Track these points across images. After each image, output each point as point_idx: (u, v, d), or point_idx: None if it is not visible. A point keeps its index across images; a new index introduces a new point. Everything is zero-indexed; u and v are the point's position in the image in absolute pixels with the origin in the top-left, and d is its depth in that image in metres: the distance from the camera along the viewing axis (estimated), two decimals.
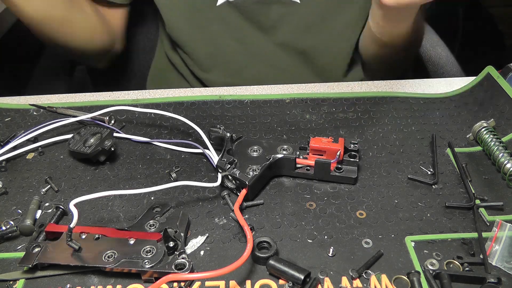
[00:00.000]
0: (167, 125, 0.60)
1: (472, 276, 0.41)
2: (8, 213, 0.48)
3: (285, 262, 0.41)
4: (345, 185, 0.51)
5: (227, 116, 0.61)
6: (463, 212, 0.47)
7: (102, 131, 0.55)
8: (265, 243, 0.43)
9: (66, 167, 0.54)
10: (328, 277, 0.41)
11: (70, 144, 0.53)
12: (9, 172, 0.53)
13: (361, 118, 0.60)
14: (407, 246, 0.44)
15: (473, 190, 0.49)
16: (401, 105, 0.62)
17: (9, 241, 0.45)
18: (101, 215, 0.48)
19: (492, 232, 0.44)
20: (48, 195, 0.50)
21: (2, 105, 0.63)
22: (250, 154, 0.52)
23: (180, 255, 0.42)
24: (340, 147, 0.50)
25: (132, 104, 0.63)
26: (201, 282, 0.41)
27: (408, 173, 0.52)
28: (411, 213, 0.47)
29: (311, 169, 0.51)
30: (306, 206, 0.48)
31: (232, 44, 0.77)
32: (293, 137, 0.58)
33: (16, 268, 0.42)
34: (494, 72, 0.61)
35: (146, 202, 0.49)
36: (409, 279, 0.41)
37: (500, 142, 0.52)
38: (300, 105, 0.63)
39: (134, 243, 0.42)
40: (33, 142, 0.56)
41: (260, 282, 0.41)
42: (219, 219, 0.47)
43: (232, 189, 0.49)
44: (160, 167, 0.54)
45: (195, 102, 0.63)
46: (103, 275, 0.42)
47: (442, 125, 0.59)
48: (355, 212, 0.48)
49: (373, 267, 0.42)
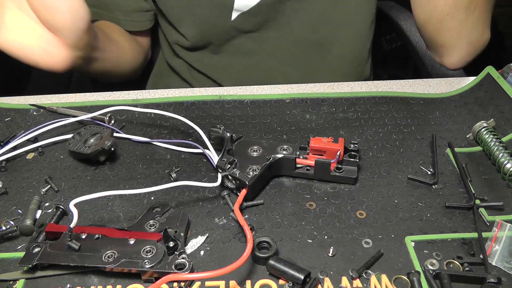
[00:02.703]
0: (167, 125, 0.60)
1: (472, 276, 0.41)
2: (8, 213, 0.48)
3: (285, 262, 0.41)
4: (345, 185, 0.51)
5: (227, 116, 0.61)
6: (463, 212, 0.47)
7: (102, 131, 0.55)
8: (265, 243, 0.43)
9: (66, 167, 0.54)
10: (328, 277, 0.41)
11: (70, 144, 0.53)
12: (9, 172, 0.53)
13: (361, 118, 0.60)
14: (407, 246, 0.44)
15: (473, 190, 0.49)
16: (401, 105, 0.62)
17: (9, 241, 0.45)
18: (101, 215, 0.48)
19: (492, 232, 0.44)
20: (48, 195, 0.50)
21: (2, 105, 0.63)
22: (250, 154, 0.52)
23: (180, 255, 0.42)
24: (340, 147, 0.50)
25: (132, 104, 0.63)
26: (201, 282, 0.41)
27: (408, 173, 0.52)
28: (411, 213, 0.47)
29: (311, 169, 0.51)
30: (306, 206, 0.48)
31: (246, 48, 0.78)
32: (293, 137, 0.58)
33: (16, 268, 0.42)
34: (494, 72, 0.61)
35: (146, 202, 0.49)
36: (409, 279, 0.41)
37: (500, 142, 0.52)
38: (300, 105, 0.63)
39: (134, 243, 0.42)
40: (33, 142, 0.56)
41: (260, 282, 0.41)
42: (219, 219, 0.47)
43: (232, 189, 0.49)
44: (160, 167, 0.54)
45: (195, 102, 0.63)
46: (103, 275, 0.42)
47: (442, 125, 0.59)
48: (355, 212, 0.48)
49: (373, 267, 0.42)
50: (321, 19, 0.76)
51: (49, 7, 0.56)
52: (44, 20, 0.58)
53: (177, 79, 0.86)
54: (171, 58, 0.85)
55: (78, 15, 0.58)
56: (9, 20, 0.57)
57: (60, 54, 0.60)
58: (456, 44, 0.72)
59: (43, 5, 0.56)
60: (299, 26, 0.76)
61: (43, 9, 0.57)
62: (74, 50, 0.61)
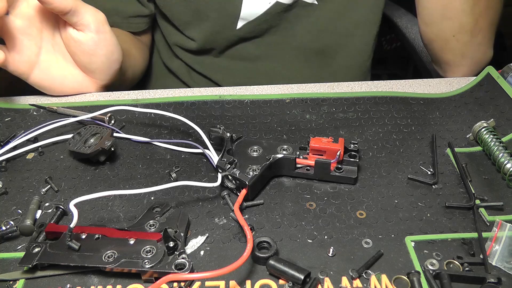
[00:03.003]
0: (167, 125, 0.60)
1: (472, 276, 0.41)
2: (8, 213, 0.48)
3: (285, 262, 0.41)
4: (345, 185, 0.51)
5: (227, 116, 0.61)
6: (463, 212, 0.47)
7: (102, 131, 0.55)
8: (265, 243, 0.43)
9: (66, 167, 0.54)
10: (328, 277, 0.41)
11: (70, 144, 0.53)
12: (9, 172, 0.53)
13: (361, 118, 0.60)
14: (407, 246, 0.44)
15: (473, 190, 0.49)
16: (401, 105, 0.62)
17: (9, 241, 0.45)
18: (101, 215, 0.48)
19: (492, 232, 0.44)
20: (48, 195, 0.50)
21: (2, 105, 0.63)
22: (250, 154, 0.52)
23: (180, 255, 0.42)
24: (340, 147, 0.50)
25: (132, 104, 0.63)
26: (201, 282, 0.41)
27: (408, 173, 0.52)
28: (411, 213, 0.47)
29: (311, 169, 0.51)
30: (306, 206, 0.48)
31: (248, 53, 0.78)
32: (293, 137, 0.58)
33: (16, 268, 0.42)
34: (494, 72, 0.61)
35: (146, 202, 0.49)
36: (409, 279, 0.41)
37: (500, 142, 0.52)
38: (300, 105, 0.63)
39: (134, 243, 0.42)
40: (33, 142, 0.56)
41: (260, 282, 0.41)
42: (219, 219, 0.47)
43: (232, 189, 0.49)
44: (160, 167, 0.54)
45: (195, 102, 0.63)
46: (103, 275, 0.42)
47: (442, 125, 0.59)
48: (355, 212, 0.48)
49: (373, 267, 0.42)
50: (326, 28, 0.76)
51: (87, 52, 0.57)
52: (79, 62, 0.59)
53: (175, 81, 0.86)
54: (169, 60, 0.85)
55: (113, 58, 0.60)
56: (44, 60, 0.59)
57: (91, 89, 0.64)
58: (460, 63, 0.75)
59: (82, 50, 0.57)
60: (303, 33, 0.76)
61: (80, 53, 0.58)
62: (104, 85, 0.63)
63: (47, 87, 0.60)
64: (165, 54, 0.85)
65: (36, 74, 0.59)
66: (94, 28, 0.56)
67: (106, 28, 0.58)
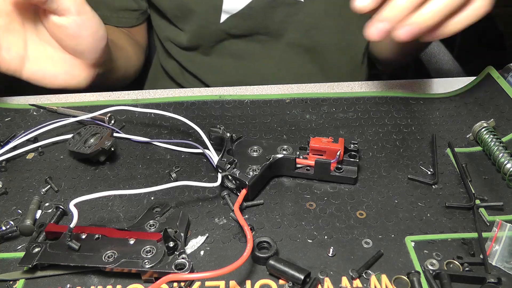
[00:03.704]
0: (167, 125, 0.60)
1: (472, 276, 0.41)
2: (8, 213, 0.48)
3: (285, 262, 0.41)
4: (345, 185, 0.51)
5: (227, 116, 0.61)
6: (463, 212, 0.47)
7: (102, 131, 0.55)
8: (265, 243, 0.43)
9: (66, 167, 0.54)
10: (328, 277, 0.41)
11: (70, 144, 0.53)
12: (9, 172, 0.53)
13: (361, 118, 0.60)
14: (407, 246, 0.44)
15: (473, 190, 0.49)
16: (401, 105, 0.62)
17: (9, 241, 0.45)
18: (101, 215, 0.48)
19: (492, 232, 0.44)
20: (48, 195, 0.50)
21: (2, 105, 0.63)
22: (250, 154, 0.52)
23: (180, 255, 0.42)
24: (340, 147, 0.50)
25: (132, 104, 0.63)
26: (201, 282, 0.41)
27: (408, 173, 0.52)
28: (411, 213, 0.47)
29: (311, 169, 0.51)
30: (306, 206, 0.48)
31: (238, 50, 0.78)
32: (293, 137, 0.58)
33: (16, 268, 0.42)
34: (494, 72, 0.61)
35: (146, 202, 0.49)
36: (409, 279, 0.41)
37: (500, 142, 0.52)
38: (300, 105, 0.63)
39: (134, 243, 0.42)
40: (33, 142, 0.56)
41: (260, 282, 0.41)
42: (219, 219, 0.47)
43: (232, 189, 0.49)
44: (160, 167, 0.54)
45: (195, 102, 0.63)
46: (103, 275, 0.42)
47: (442, 125, 0.59)
48: (355, 212, 0.48)
49: (373, 267, 0.42)
50: (315, 26, 0.76)
51: (72, 35, 0.57)
52: (67, 46, 0.59)
53: (171, 84, 0.86)
54: (165, 60, 0.85)
55: (98, 36, 0.60)
56: (32, 52, 0.59)
57: (83, 74, 0.62)
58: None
59: (67, 34, 0.57)
60: (291, 32, 0.76)
61: (66, 38, 0.58)
62: (95, 68, 0.63)
63: (41, 78, 0.60)
64: (161, 54, 0.86)
65: (28, 68, 0.58)
66: (75, 11, 0.56)
67: (87, 8, 0.58)
